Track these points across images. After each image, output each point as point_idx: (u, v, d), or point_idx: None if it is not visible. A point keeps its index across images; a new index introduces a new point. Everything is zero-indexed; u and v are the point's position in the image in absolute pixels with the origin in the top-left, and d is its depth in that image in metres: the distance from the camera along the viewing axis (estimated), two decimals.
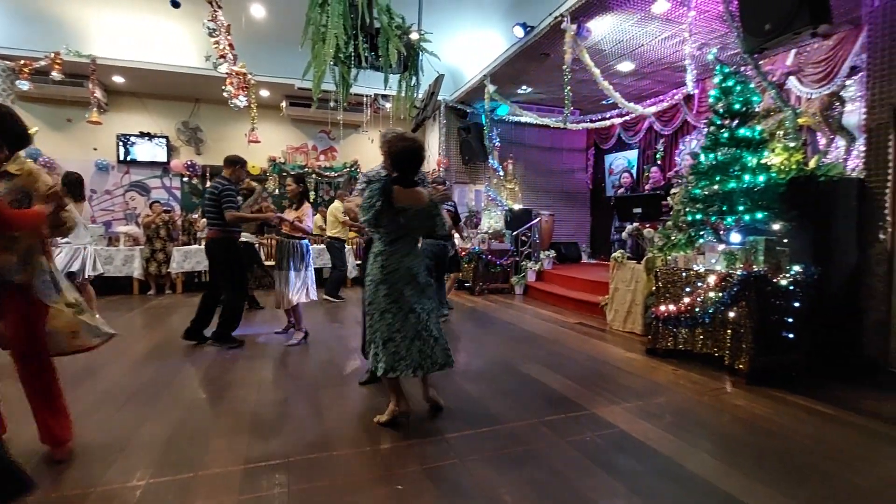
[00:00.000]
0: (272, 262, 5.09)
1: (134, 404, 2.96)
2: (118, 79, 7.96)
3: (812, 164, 4.12)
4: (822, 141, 5.58)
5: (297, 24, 4.32)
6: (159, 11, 6.58)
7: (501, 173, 9.33)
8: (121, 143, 8.63)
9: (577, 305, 6.41)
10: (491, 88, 7.73)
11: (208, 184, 5.97)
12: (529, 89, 8.41)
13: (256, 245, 7.00)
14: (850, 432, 2.59)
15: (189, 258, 7.67)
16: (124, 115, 8.73)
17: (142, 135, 8.76)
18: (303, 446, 2.38)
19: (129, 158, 8.71)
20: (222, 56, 5.76)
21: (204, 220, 6.79)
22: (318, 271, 8.59)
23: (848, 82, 5.40)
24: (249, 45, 6.91)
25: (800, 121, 4.60)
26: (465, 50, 7.60)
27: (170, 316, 5.95)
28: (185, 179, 9.14)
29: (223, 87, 6.23)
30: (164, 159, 8.89)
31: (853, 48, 5.24)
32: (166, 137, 8.91)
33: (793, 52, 6.01)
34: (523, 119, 8.61)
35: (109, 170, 8.67)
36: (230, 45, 5.81)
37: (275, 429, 2.61)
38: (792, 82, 6.03)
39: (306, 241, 4.64)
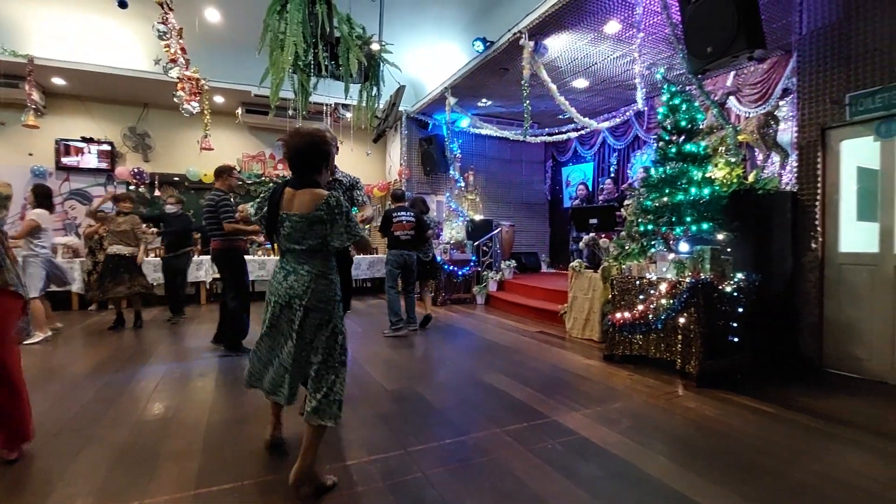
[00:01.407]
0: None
1: (73, 427, 2.75)
2: (58, 81, 7.47)
3: (751, 178, 4.41)
4: (759, 157, 5.99)
5: (254, 30, 4.22)
6: (105, 11, 6.27)
7: (462, 184, 9.42)
8: (60, 149, 8.09)
9: (537, 314, 6.52)
10: (452, 101, 7.82)
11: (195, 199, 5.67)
12: (490, 102, 8.58)
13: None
14: (790, 429, 2.75)
15: None
16: (65, 119, 8.19)
17: (84, 140, 8.25)
18: (259, 468, 2.28)
19: (68, 165, 8.16)
20: (173, 60, 5.53)
21: (154, 229, 6.55)
22: None
23: (781, 103, 5.85)
24: (203, 50, 6.68)
25: (739, 138, 4.92)
26: (426, 62, 7.68)
27: (114, 333, 5.58)
28: (132, 188, 8.66)
29: (174, 93, 5.98)
30: (108, 166, 8.39)
31: (785, 72, 5.69)
32: (111, 143, 8.43)
33: (732, 73, 6.46)
34: (484, 131, 8.76)
35: (46, 177, 8.09)
36: (182, 48, 5.59)
37: (229, 450, 2.48)
38: (732, 102, 6.47)
39: None
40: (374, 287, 9.44)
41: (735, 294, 3.68)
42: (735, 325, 3.66)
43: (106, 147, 8.37)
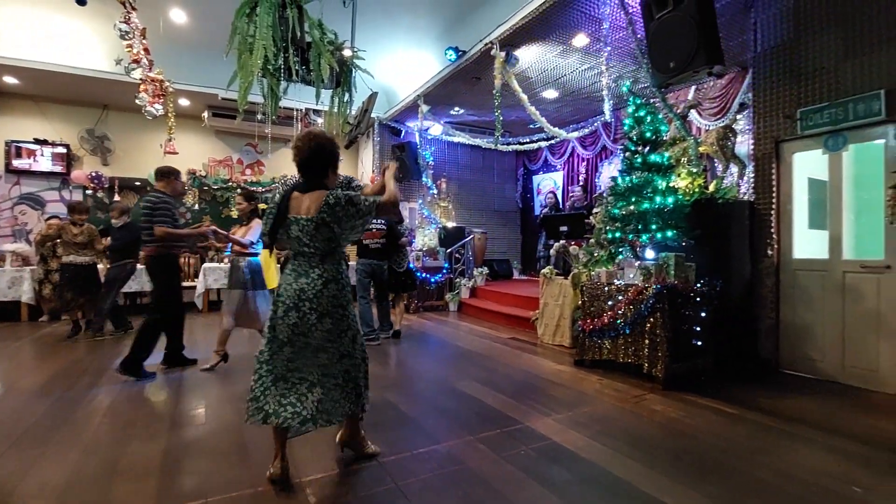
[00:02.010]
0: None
1: (22, 447, 2.58)
2: (10, 79, 7.09)
3: (712, 188, 4.60)
4: (719, 167, 6.25)
5: (222, 32, 4.13)
6: (62, 8, 6.01)
7: (435, 192, 9.45)
8: (11, 151, 7.65)
9: (509, 321, 6.57)
10: (425, 108, 7.85)
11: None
12: (462, 111, 8.65)
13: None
14: (750, 429, 2.86)
15: None
16: (16, 120, 7.77)
17: (37, 142, 7.84)
18: (222, 484, 2.19)
19: (19, 168, 7.73)
20: (136, 61, 5.33)
21: (108, 238, 6.20)
22: None
23: (739, 116, 6.14)
24: (168, 51, 6.48)
25: (700, 149, 5.13)
26: (399, 69, 7.68)
27: (67, 345, 5.28)
28: (89, 192, 8.28)
29: (137, 94, 5.76)
30: (64, 169, 7.99)
31: (741, 87, 5.99)
32: (67, 146, 8.04)
33: (693, 88, 6.75)
34: (456, 139, 8.83)
35: None
36: (145, 49, 5.40)
37: (189, 467, 2.38)
38: (693, 115, 6.75)
39: (257, 258, 4.39)
40: None
41: (698, 299, 3.81)
42: (698, 329, 3.79)
43: (61, 149, 7.98)
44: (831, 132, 3.85)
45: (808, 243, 4.14)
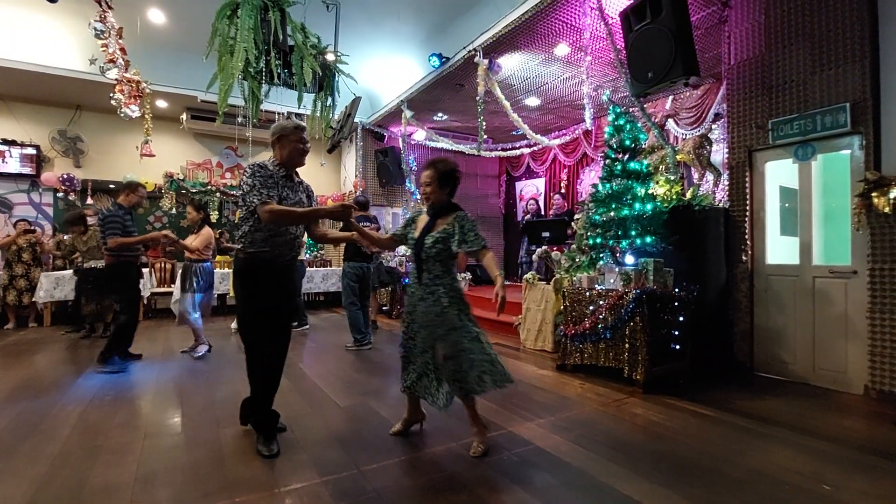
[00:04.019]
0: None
1: None
2: None
3: (688, 195, 4.71)
4: (695, 175, 6.43)
5: (201, 34, 4.08)
6: (32, 5, 5.83)
7: (418, 197, 9.44)
8: None
9: (492, 326, 6.58)
10: (408, 114, 7.86)
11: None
12: (445, 116, 8.69)
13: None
14: (726, 431, 2.92)
15: (62, 285, 6.65)
16: None
17: (5, 142, 7.57)
18: (198, 496, 2.13)
19: None
20: (112, 61, 5.21)
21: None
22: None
23: (714, 126, 6.33)
24: (146, 52, 6.35)
25: (678, 157, 5.27)
26: (382, 74, 7.69)
27: (34, 353, 5.09)
28: (60, 195, 8.02)
29: (112, 95, 5.62)
30: (33, 171, 7.73)
31: (716, 98, 6.17)
32: (37, 147, 7.79)
33: (670, 98, 6.93)
34: (440, 145, 8.86)
35: None
36: (122, 49, 5.28)
37: (164, 478, 2.30)
38: (671, 124, 6.93)
39: (208, 263, 4.83)
40: (328, 300, 9.21)
41: (676, 304, 3.89)
42: (677, 333, 3.86)
43: (31, 150, 7.73)
44: (801, 142, 3.99)
45: (780, 249, 4.27)
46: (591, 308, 4.08)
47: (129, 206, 4.43)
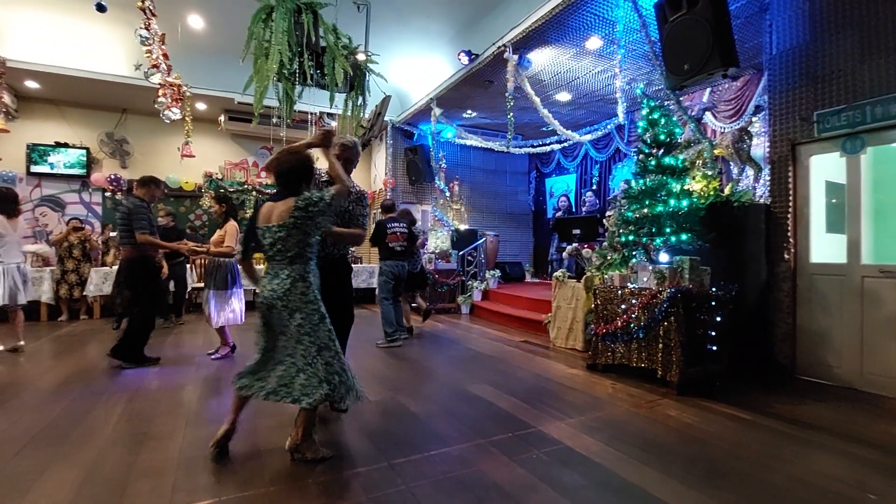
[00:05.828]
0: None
1: (36, 446, 2.64)
2: (32, 84, 7.29)
3: (727, 190, 4.56)
4: (734, 170, 6.19)
5: (238, 38, 4.21)
6: (83, 14, 6.16)
7: (448, 194, 9.48)
8: (32, 154, 7.85)
9: (521, 324, 6.56)
10: (437, 111, 7.89)
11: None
12: (475, 113, 8.67)
13: None
14: (765, 435, 2.82)
15: (109, 280, 7.03)
16: (38, 124, 7.98)
17: (58, 145, 8.04)
18: (235, 484, 2.22)
19: (40, 171, 7.93)
20: (155, 66, 5.46)
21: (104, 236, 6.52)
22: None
23: (754, 119, 6.07)
24: (186, 57, 6.61)
25: (715, 152, 5.09)
26: (411, 73, 7.74)
27: (84, 345, 5.40)
28: (108, 194, 8.46)
29: (155, 99, 5.89)
30: (84, 172, 8.18)
31: (757, 89, 5.92)
32: (87, 149, 8.23)
33: (708, 90, 6.68)
34: (469, 142, 8.85)
35: (16, 182, 7.84)
36: (164, 54, 5.53)
37: (204, 466, 2.41)
38: (708, 117, 6.69)
39: (233, 260, 4.65)
40: (359, 297, 9.37)
41: (713, 303, 3.77)
42: (713, 333, 3.75)
43: (82, 152, 8.17)
44: (849, 135, 3.79)
45: (825, 247, 4.07)
46: (623, 307, 4.01)
47: (150, 201, 4.39)
